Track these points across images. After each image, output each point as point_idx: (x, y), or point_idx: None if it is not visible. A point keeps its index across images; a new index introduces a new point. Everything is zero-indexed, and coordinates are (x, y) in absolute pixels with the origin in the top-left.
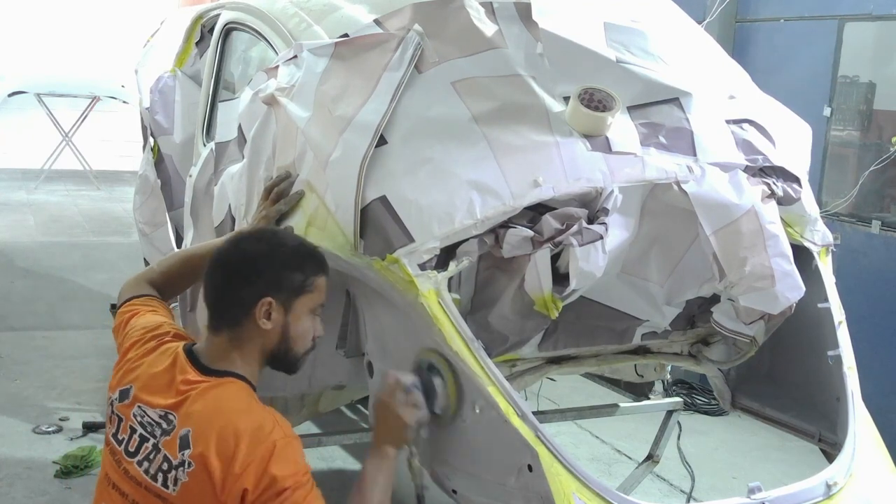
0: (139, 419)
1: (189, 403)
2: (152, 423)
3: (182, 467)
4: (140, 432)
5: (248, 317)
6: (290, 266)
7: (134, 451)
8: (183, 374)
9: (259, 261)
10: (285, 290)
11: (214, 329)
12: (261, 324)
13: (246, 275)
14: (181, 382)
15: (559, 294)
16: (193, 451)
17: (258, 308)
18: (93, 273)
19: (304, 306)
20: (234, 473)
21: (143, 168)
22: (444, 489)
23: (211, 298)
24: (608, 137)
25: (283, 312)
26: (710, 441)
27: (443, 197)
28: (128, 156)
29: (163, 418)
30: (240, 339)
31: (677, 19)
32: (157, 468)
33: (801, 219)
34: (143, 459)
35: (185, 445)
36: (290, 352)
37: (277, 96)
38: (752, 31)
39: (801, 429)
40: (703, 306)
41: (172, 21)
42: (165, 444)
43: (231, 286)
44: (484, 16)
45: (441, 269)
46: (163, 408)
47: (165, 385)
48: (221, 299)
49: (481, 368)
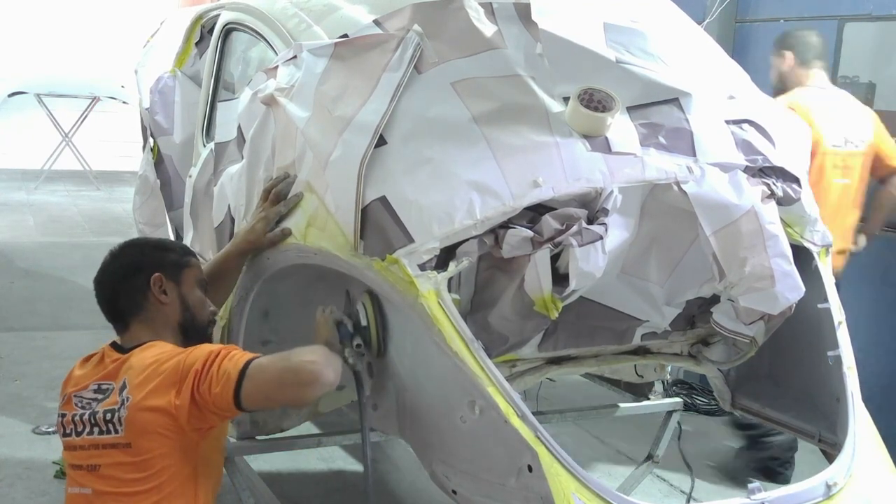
0: (78, 404)
1: (120, 366)
2: (90, 400)
3: (122, 406)
4: (80, 413)
5: (147, 299)
6: (162, 249)
7: (81, 429)
8: (110, 359)
9: (135, 257)
10: (168, 265)
11: (123, 327)
12: (161, 299)
13: (131, 267)
14: (107, 362)
15: (559, 294)
16: (129, 389)
17: (153, 286)
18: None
19: (190, 278)
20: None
21: (143, 168)
22: (444, 489)
23: (109, 310)
24: (608, 138)
25: (174, 286)
26: (711, 441)
27: (443, 197)
28: (128, 156)
29: (97, 391)
30: (148, 320)
31: (677, 20)
32: (105, 422)
33: (800, 219)
34: (91, 427)
35: (123, 388)
36: (195, 320)
37: (277, 96)
38: (752, 31)
39: (800, 429)
40: (703, 307)
41: (172, 21)
42: (105, 404)
43: (122, 283)
44: (483, 16)
45: (441, 269)
46: (94, 382)
47: (93, 370)
48: (118, 300)
49: (481, 369)
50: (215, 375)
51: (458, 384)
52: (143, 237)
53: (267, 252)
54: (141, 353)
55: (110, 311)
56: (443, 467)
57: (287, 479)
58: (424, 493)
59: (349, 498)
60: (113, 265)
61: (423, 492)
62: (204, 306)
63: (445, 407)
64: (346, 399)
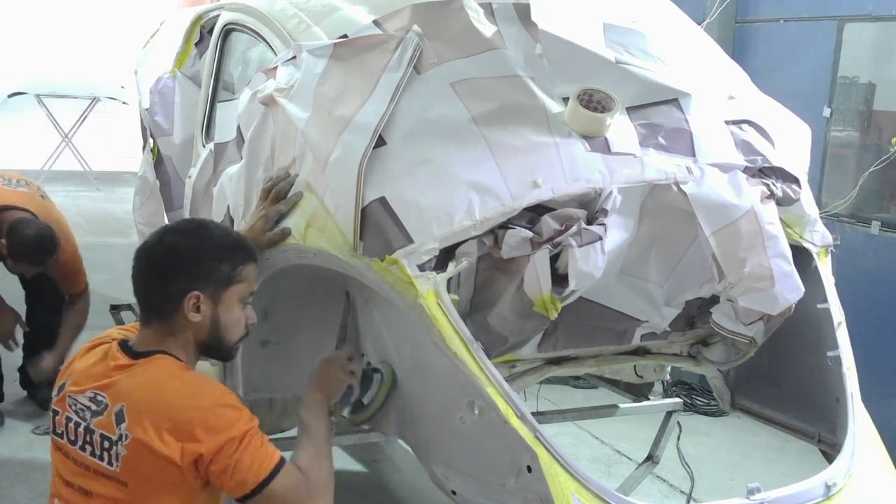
0: (73, 407)
1: (119, 381)
2: (83, 408)
3: (120, 441)
4: (74, 419)
5: (177, 310)
6: (217, 258)
7: (74, 438)
8: (114, 361)
9: (185, 255)
10: (213, 282)
11: (145, 321)
12: (190, 317)
13: (172, 270)
14: (113, 369)
15: (558, 295)
16: (129, 424)
17: (186, 302)
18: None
19: (234, 296)
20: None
21: (143, 169)
22: (444, 490)
23: (139, 293)
24: (607, 138)
25: (211, 305)
26: (710, 442)
27: (442, 198)
28: (127, 157)
29: (91, 400)
30: (171, 331)
31: (677, 20)
32: (101, 448)
33: (800, 219)
34: (84, 444)
35: (120, 419)
36: (222, 341)
37: (276, 97)
38: (752, 32)
39: (800, 429)
40: (703, 307)
41: (172, 22)
42: (99, 424)
43: (158, 281)
44: (483, 17)
45: (440, 269)
46: (91, 389)
47: (97, 373)
48: (149, 294)
49: (480, 369)
50: (232, 466)
51: (458, 385)
52: (208, 222)
53: (266, 252)
54: (142, 378)
55: (139, 297)
56: (442, 468)
57: None
58: (424, 493)
59: (349, 498)
60: (156, 255)
61: (423, 492)
62: (238, 326)
63: (445, 407)
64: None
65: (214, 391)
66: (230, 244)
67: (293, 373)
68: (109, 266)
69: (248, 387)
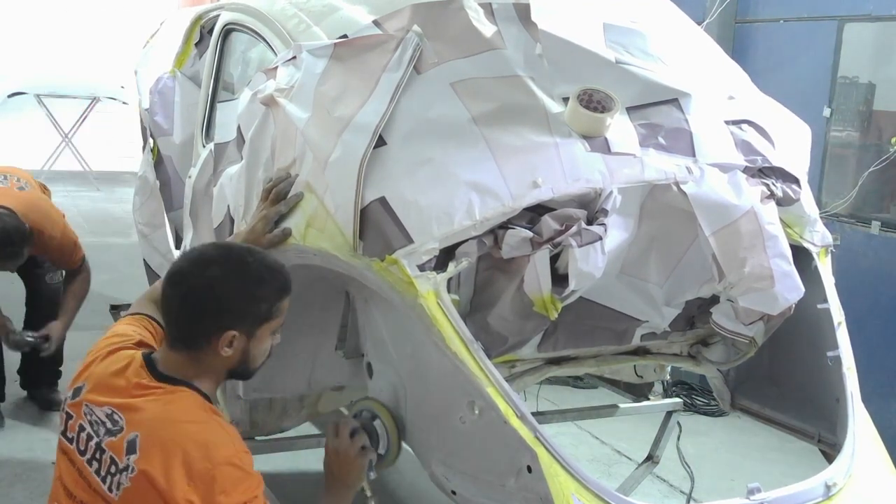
0: (88, 417)
1: (139, 407)
2: (98, 422)
3: (126, 472)
4: (88, 430)
5: (210, 344)
6: (256, 298)
7: (84, 449)
8: (137, 378)
9: (225, 293)
10: (250, 321)
11: (172, 345)
12: (223, 353)
13: (211, 306)
14: (134, 386)
15: (558, 295)
16: (139, 456)
17: (221, 340)
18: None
19: (267, 331)
20: (180, 489)
21: (143, 169)
22: (444, 490)
23: (171, 321)
24: (607, 138)
25: (245, 340)
26: (710, 442)
27: (442, 198)
28: (127, 157)
29: (108, 417)
30: (199, 360)
31: (676, 20)
32: (106, 470)
33: (800, 219)
34: (92, 458)
35: (131, 450)
36: (248, 369)
37: (276, 97)
38: (752, 32)
39: (800, 429)
40: (703, 307)
41: (172, 22)
42: (110, 445)
43: (194, 315)
44: (483, 17)
45: (440, 270)
46: (110, 406)
47: (117, 386)
48: (182, 322)
49: (480, 369)
50: None
51: (458, 385)
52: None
53: None
54: (163, 411)
55: (169, 323)
56: (442, 468)
57: (287, 480)
58: (424, 493)
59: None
60: (195, 289)
61: (423, 492)
62: (265, 355)
63: (445, 407)
64: (346, 399)
65: (229, 447)
66: (269, 279)
67: (293, 373)
68: (109, 266)
69: (248, 387)
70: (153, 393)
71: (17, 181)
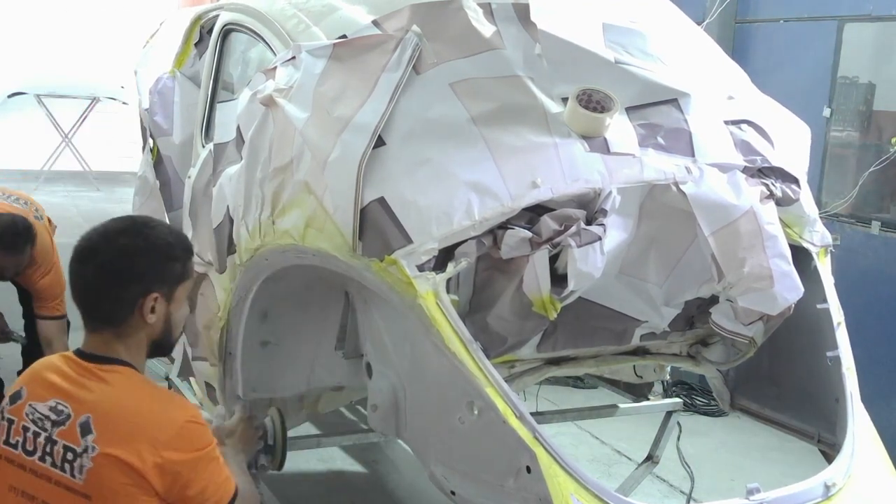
0: (31, 417)
1: (84, 388)
2: (43, 418)
3: (86, 453)
4: (33, 429)
5: (132, 314)
6: (170, 258)
7: (32, 449)
8: (69, 367)
9: (139, 257)
10: (169, 281)
11: (92, 327)
12: (147, 318)
13: (127, 274)
14: (71, 374)
15: (558, 295)
16: (97, 436)
17: (144, 305)
18: None
19: (184, 292)
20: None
21: (143, 169)
22: (443, 490)
23: (85, 298)
24: (606, 138)
25: (165, 305)
26: (710, 442)
27: (441, 198)
28: (127, 157)
29: (52, 410)
30: (124, 334)
31: (676, 20)
32: (62, 459)
33: (799, 219)
34: (43, 455)
35: (86, 431)
36: (170, 338)
37: (275, 97)
38: (752, 32)
39: (800, 429)
40: (702, 307)
41: (172, 22)
42: (61, 435)
43: (112, 285)
44: (482, 17)
45: (439, 270)
46: (54, 398)
47: (53, 381)
48: (98, 298)
49: (479, 370)
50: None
51: (457, 385)
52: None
53: (266, 253)
54: (108, 390)
55: (83, 302)
56: (442, 468)
57: (287, 479)
58: (424, 493)
59: (349, 498)
60: (105, 259)
61: (423, 492)
62: (183, 321)
63: (444, 408)
64: (345, 399)
65: (187, 407)
66: (177, 241)
67: (293, 373)
68: None
69: (248, 387)
70: (91, 373)
71: (36, 211)
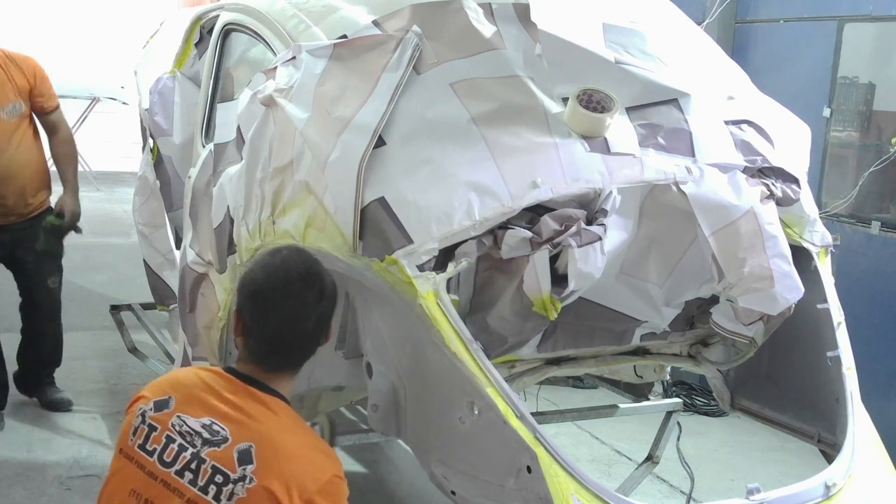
0: (178, 429)
1: (245, 417)
2: (192, 433)
3: (242, 482)
4: (179, 442)
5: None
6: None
7: (171, 460)
8: (226, 387)
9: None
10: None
11: (275, 367)
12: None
13: (323, 324)
14: (225, 396)
15: (558, 295)
16: (258, 467)
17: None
18: (93, 274)
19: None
20: (292, 501)
21: (143, 169)
22: (444, 490)
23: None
24: (607, 138)
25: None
26: (710, 442)
27: (441, 198)
28: (127, 157)
29: (206, 428)
30: (296, 371)
31: (676, 20)
32: (209, 480)
33: (800, 220)
34: (183, 470)
35: (246, 460)
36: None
37: (276, 97)
38: (752, 32)
39: (800, 430)
40: (703, 307)
41: (172, 22)
42: (213, 456)
43: (319, 338)
44: (482, 17)
45: (440, 270)
46: (207, 416)
47: (208, 400)
48: (307, 348)
49: (480, 369)
50: None
51: (457, 385)
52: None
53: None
54: (271, 425)
55: (280, 350)
56: (442, 468)
57: None
58: (424, 493)
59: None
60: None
61: (423, 492)
62: None
63: (444, 408)
64: (345, 399)
65: (336, 460)
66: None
67: None
68: (109, 266)
69: None
70: (254, 397)
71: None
